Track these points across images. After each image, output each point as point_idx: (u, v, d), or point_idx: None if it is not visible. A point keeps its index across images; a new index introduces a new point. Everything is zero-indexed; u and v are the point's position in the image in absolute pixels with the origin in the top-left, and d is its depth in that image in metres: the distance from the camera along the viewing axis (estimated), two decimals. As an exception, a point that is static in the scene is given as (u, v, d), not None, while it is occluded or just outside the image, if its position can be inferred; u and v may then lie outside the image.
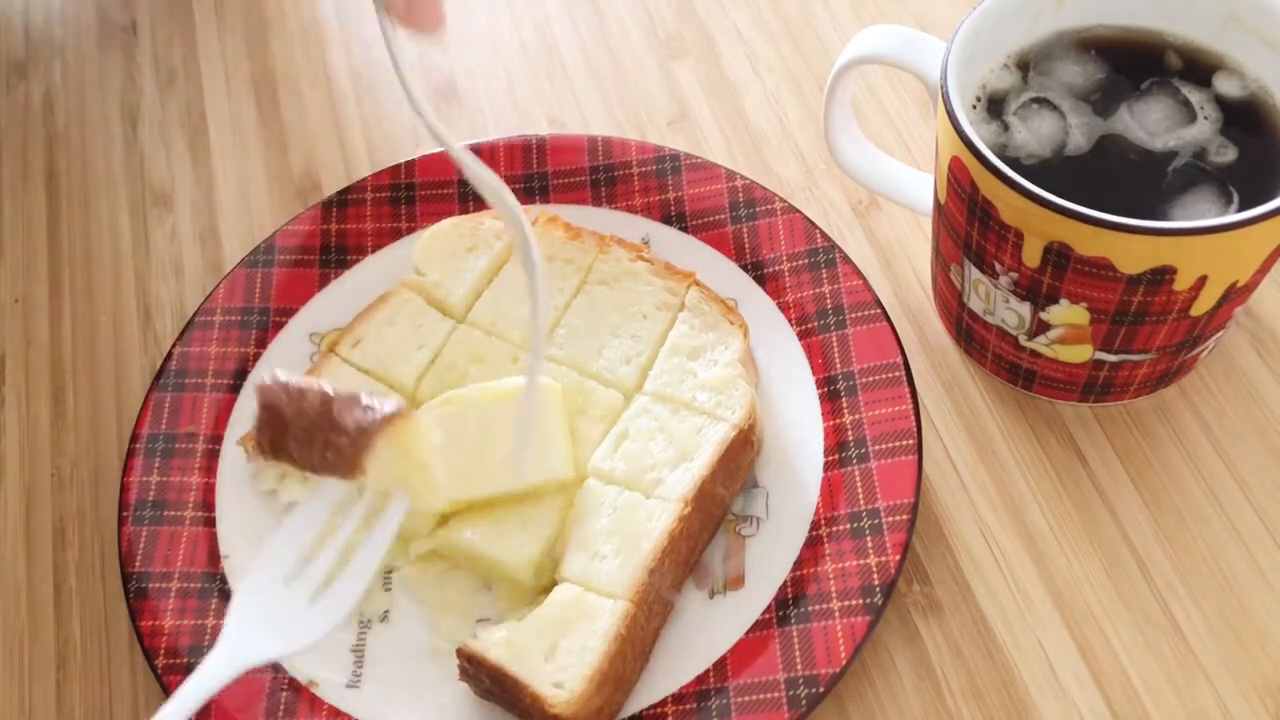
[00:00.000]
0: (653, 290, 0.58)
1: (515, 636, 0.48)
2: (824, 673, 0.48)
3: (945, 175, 0.51)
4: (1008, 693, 0.50)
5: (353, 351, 0.58)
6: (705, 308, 0.57)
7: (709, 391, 0.54)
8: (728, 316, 0.57)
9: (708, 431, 0.53)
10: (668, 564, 0.50)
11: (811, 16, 0.74)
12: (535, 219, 0.61)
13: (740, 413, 0.54)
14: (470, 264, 0.60)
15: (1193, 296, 0.48)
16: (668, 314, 0.58)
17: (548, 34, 0.75)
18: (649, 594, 0.49)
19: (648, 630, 0.50)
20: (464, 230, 0.60)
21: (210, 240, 0.67)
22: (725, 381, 0.55)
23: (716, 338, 0.56)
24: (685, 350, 0.56)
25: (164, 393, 0.57)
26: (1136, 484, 0.55)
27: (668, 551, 0.50)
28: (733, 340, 0.56)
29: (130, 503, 0.54)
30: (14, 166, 0.71)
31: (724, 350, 0.56)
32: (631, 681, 0.50)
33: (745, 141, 0.68)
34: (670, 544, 0.50)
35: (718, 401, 0.54)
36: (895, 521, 0.51)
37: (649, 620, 0.50)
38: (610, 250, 0.59)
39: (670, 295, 0.58)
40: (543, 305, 0.48)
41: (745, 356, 0.56)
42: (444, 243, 0.60)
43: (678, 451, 0.53)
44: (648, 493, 0.52)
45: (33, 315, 0.65)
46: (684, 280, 0.58)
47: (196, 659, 0.50)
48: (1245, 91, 0.52)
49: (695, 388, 0.55)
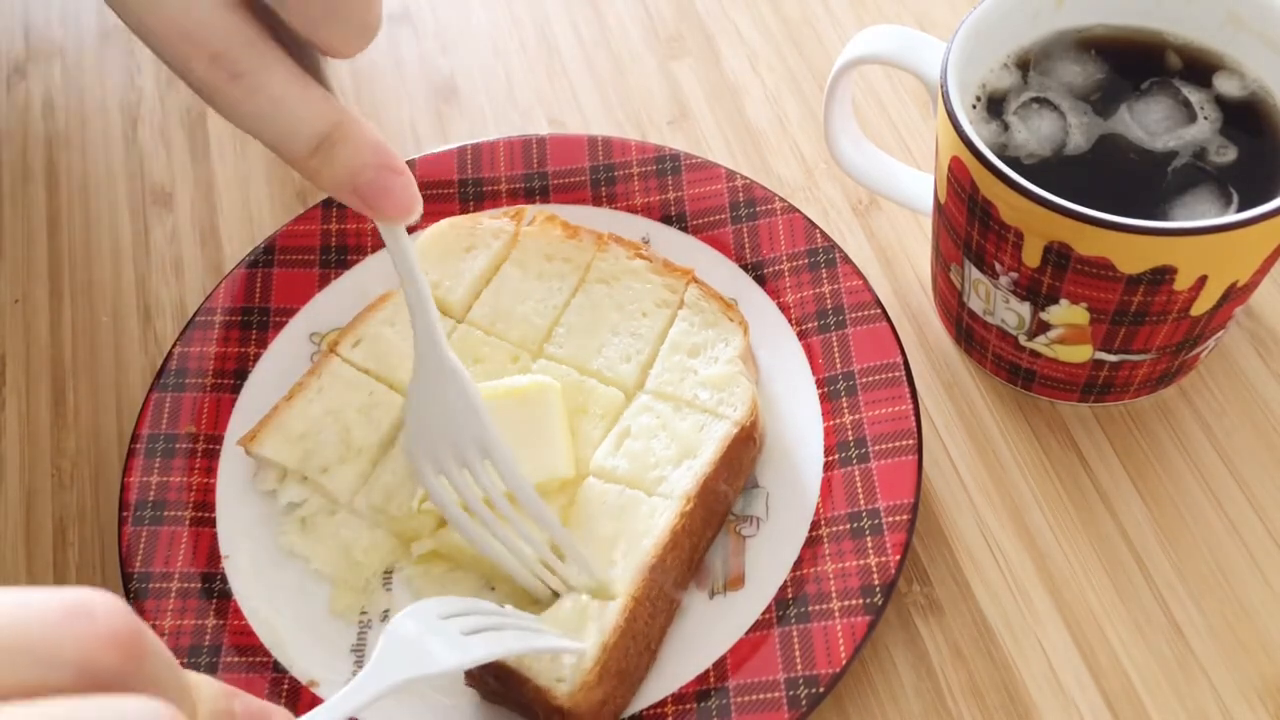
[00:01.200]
0: (652, 288, 0.58)
1: None
2: (824, 673, 0.48)
3: (945, 175, 0.51)
4: (1008, 693, 0.50)
5: (353, 351, 0.58)
6: (705, 305, 0.57)
7: (710, 389, 0.55)
8: (727, 313, 0.57)
9: (710, 429, 0.53)
10: (670, 561, 0.50)
11: (811, 16, 0.74)
12: (533, 218, 0.61)
13: (742, 410, 0.54)
14: (468, 264, 0.60)
15: (1193, 296, 0.48)
16: (667, 311, 0.58)
17: (548, 34, 0.75)
18: (651, 590, 0.49)
19: (653, 626, 0.50)
20: (462, 230, 0.60)
21: (210, 240, 0.67)
22: (726, 378, 0.55)
23: (716, 334, 0.56)
24: (685, 348, 0.56)
25: (164, 393, 0.57)
26: (1136, 484, 0.55)
27: (670, 548, 0.50)
28: (733, 337, 0.56)
29: (130, 503, 0.54)
30: (14, 166, 0.71)
31: (724, 347, 0.56)
32: (637, 677, 0.50)
33: (745, 141, 0.68)
34: (673, 540, 0.50)
35: (719, 399, 0.54)
36: (895, 521, 0.51)
37: (653, 617, 0.50)
38: (608, 248, 0.59)
39: (669, 292, 0.58)
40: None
41: (745, 353, 0.56)
42: (442, 243, 0.60)
43: (680, 449, 0.53)
44: (650, 490, 0.52)
45: (33, 315, 0.65)
46: (683, 277, 0.58)
47: (196, 659, 0.50)
48: (1245, 91, 0.52)
49: (696, 385, 0.55)
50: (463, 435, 0.48)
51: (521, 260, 0.60)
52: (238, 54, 0.38)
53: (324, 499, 0.55)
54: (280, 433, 0.55)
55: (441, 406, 0.48)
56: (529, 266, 0.59)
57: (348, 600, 0.53)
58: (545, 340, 0.57)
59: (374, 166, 0.42)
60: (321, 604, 0.53)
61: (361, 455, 0.55)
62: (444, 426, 0.48)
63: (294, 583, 0.53)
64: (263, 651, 0.51)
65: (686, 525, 0.51)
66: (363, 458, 0.55)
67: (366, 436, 0.55)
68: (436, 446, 0.48)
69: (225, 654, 0.51)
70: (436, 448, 0.48)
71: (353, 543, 0.54)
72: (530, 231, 0.60)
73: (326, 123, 0.41)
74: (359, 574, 0.53)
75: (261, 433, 0.55)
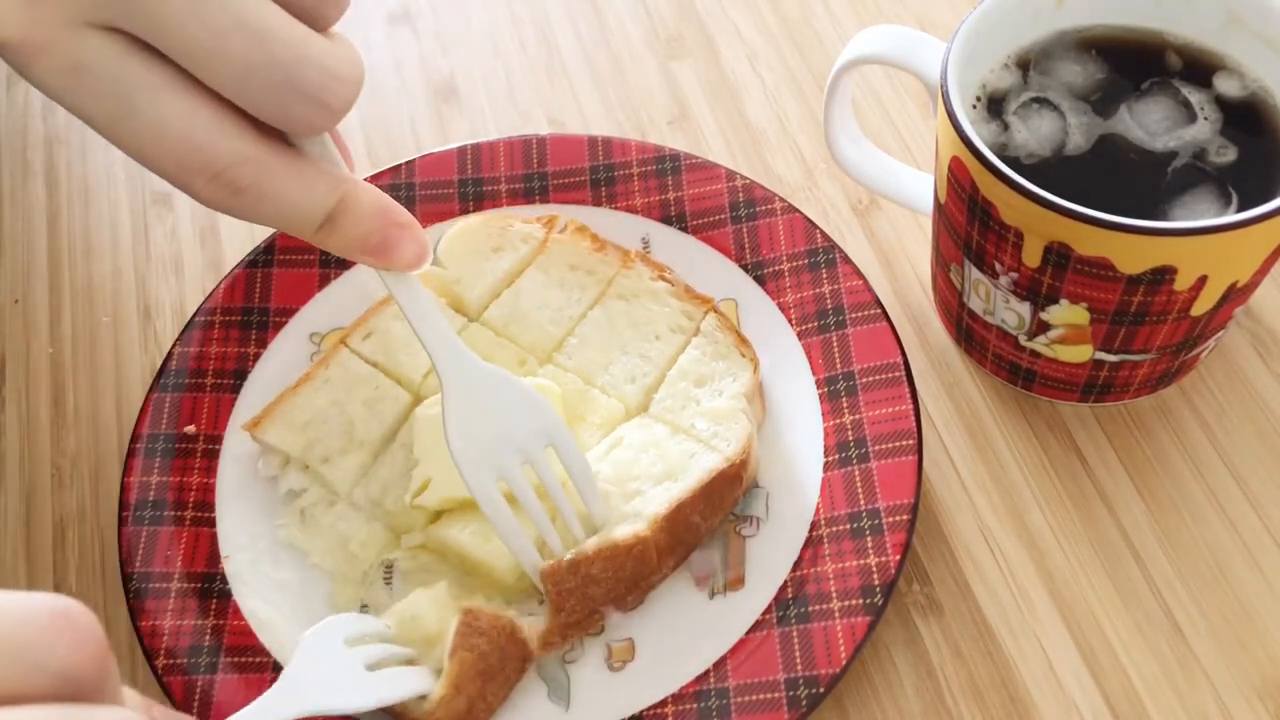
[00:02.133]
0: (669, 312, 0.58)
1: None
2: (824, 673, 0.48)
3: (945, 175, 0.51)
4: (1008, 693, 0.50)
5: (363, 344, 0.58)
6: (720, 336, 0.57)
7: (708, 420, 0.54)
8: (740, 348, 0.57)
9: (699, 458, 0.53)
10: (600, 567, 0.50)
11: (811, 16, 0.74)
12: (565, 226, 0.61)
13: (735, 446, 0.53)
14: (493, 264, 0.60)
15: (1193, 296, 0.48)
16: (681, 337, 0.57)
17: (548, 34, 0.75)
18: (568, 598, 0.49)
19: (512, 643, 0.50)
20: (493, 229, 0.60)
21: (210, 240, 0.67)
22: (726, 413, 0.54)
23: (726, 368, 0.56)
24: (693, 376, 0.56)
25: (164, 393, 0.57)
26: (1136, 484, 0.55)
27: (607, 558, 0.50)
28: (741, 373, 0.56)
29: (130, 503, 0.54)
30: (14, 166, 0.71)
31: (731, 382, 0.56)
32: (509, 677, 0.50)
33: (745, 141, 0.68)
34: (613, 553, 0.50)
35: (715, 432, 0.54)
36: (895, 521, 0.51)
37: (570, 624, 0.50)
38: (633, 266, 0.59)
39: (686, 319, 0.58)
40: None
41: (753, 391, 0.56)
42: (471, 239, 0.60)
43: (665, 469, 0.53)
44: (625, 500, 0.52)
45: (33, 315, 0.65)
46: (702, 305, 0.58)
47: (196, 659, 0.50)
48: (1245, 92, 0.52)
49: (696, 414, 0.55)
50: (526, 428, 0.49)
51: (545, 266, 0.60)
52: (237, 172, 0.40)
53: (323, 489, 0.55)
54: (285, 420, 0.55)
55: (494, 409, 0.49)
56: (552, 274, 0.59)
57: (348, 594, 0.53)
58: (556, 349, 0.57)
59: (380, 229, 0.44)
60: (321, 604, 0.53)
61: (363, 448, 0.55)
62: (502, 425, 0.49)
63: (294, 582, 0.54)
64: (263, 651, 0.51)
65: (638, 548, 0.50)
66: (364, 450, 0.55)
67: (369, 430, 0.55)
68: (495, 451, 0.49)
69: (225, 654, 0.51)
70: (495, 452, 0.49)
71: (350, 535, 0.54)
72: (560, 239, 0.60)
73: (330, 201, 0.43)
74: (356, 567, 0.53)
75: (266, 419, 0.55)
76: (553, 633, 0.50)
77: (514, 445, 0.49)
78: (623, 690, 0.50)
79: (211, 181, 0.41)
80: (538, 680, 0.51)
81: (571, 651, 0.51)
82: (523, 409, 0.49)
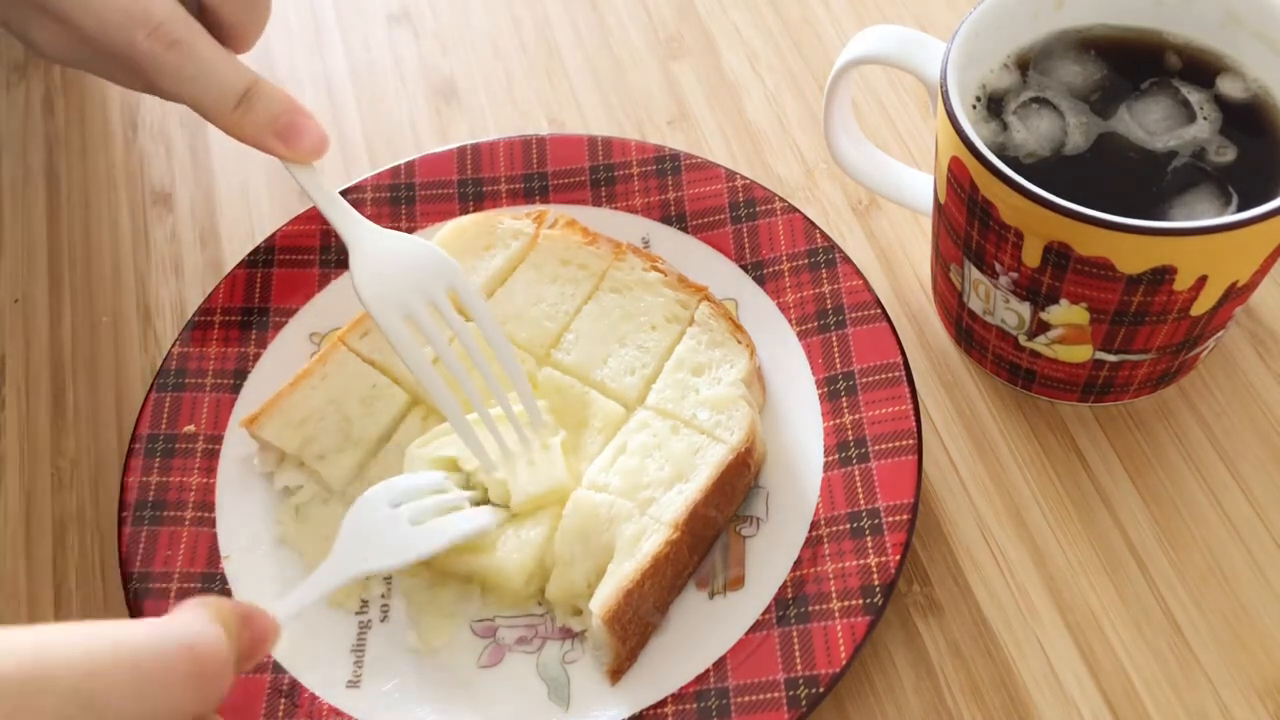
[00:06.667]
0: (664, 302, 0.58)
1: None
2: (824, 673, 0.48)
3: (945, 175, 0.51)
4: (1008, 693, 0.50)
5: (360, 342, 0.58)
6: (714, 324, 0.57)
7: (709, 409, 0.54)
8: (735, 335, 0.57)
9: (705, 452, 0.53)
10: (649, 587, 0.50)
11: (811, 16, 0.74)
12: (555, 221, 0.61)
13: (739, 434, 0.53)
14: (485, 263, 0.60)
15: (1193, 296, 0.48)
16: (677, 327, 0.57)
17: (548, 34, 0.75)
18: (624, 614, 0.49)
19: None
20: (483, 228, 0.60)
21: (210, 240, 0.67)
22: (727, 401, 0.54)
23: (722, 355, 0.56)
24: (690, 366, 0.56)
25: (164, 393, 0.57)
26: (1136, 484, 0.55)
27: (650, 575, 0.50)
28: (738, 359, 0.56)
29: (130, 503, 0.54)
30: (14, 166, 0.71)
31: (729, 369, 0.56)
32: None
33: (745, 141, 0.68)
34: (654, 568, 0.50)
35: (717, 421, 0.54)
36: (895, 521, 0.51)
37: (624, 640, 0.50)
38: (625, 258, 0.59)
39: (681, 308, 0.58)
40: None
41: (751, 376, 0.56)
42: (463, 239, 0.60)
43: (674, 471, 0.53)
44: (640, 509, 0.52)
45: (33, 315, 0.65)
46: (696, 294, 0.58)
47: (196, 659, 0.50)
48: (1245, 92, 0.52)
49: (696, 404, 0.55)
50: (427, 272, 0.52)
51: (538, 263, 0.60)
52: (172, 26, 0.48)
53: (318, 487, 0.55)
54: (282, 417, 0.55)
55: (396, 261, 0.52)
56: (544, 269, 0.59)
57: (346, 590, 0.53)
58: (554, 346, 0.57)
59: (288, 113, 0.51)
60: (321, 604, 0.53)
61: (359, 446, 0.55)
62: (405, 272, 0.52)
63: (294, 582, 0.53)
64: (262, 651, 0.51)
65: (671, 553, 0.50)
66: (360, 449, 0.55)
67: (365, 429, 0.55)
68: (401, 294, 0.52)
69: (225, 654, 0.51)
70: (401, 294, 0.52)
71: None
72: (550, 235, 0.60)
73: (246, 81, 0.50)
74: None
75: (264, 416, 0.55)
76: (622, 660, 0.50)
77: (418, 289, 0.52)
78: (623, 690, 0.50)
79: (150, 35, 0.47)
80: (538, 680, 0.51)
81: (571, 652, 0.51)
82: (422, 258, 0.52)
